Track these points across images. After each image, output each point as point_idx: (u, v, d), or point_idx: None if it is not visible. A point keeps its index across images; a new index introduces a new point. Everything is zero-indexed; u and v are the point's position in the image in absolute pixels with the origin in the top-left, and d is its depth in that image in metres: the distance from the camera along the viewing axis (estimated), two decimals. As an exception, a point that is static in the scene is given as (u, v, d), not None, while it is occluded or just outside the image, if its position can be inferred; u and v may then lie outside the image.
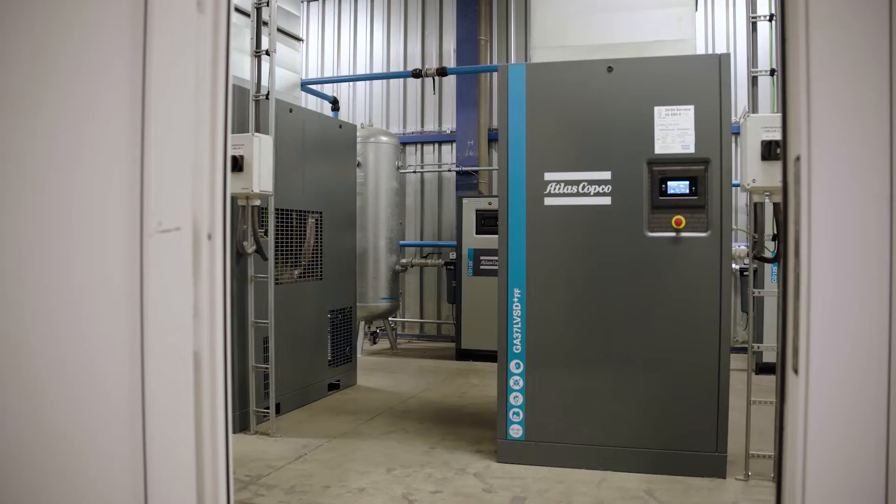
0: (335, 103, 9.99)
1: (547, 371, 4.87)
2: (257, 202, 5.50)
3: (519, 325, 4.89)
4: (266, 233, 5.66)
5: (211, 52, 1.97)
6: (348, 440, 5.55)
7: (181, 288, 2.13)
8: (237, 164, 5.31)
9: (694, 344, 4.62)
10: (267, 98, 5.60)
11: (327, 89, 11.45)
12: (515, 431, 4.92)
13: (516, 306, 4.90)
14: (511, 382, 4.92)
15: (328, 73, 11.71)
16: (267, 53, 5.57)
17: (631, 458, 4.71)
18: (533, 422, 4.90)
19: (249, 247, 5.62)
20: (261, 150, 5.36)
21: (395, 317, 10.77)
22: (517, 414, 4.91)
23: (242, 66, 5.79)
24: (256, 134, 5.38)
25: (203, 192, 2.20)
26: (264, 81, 5.64)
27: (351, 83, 11.65)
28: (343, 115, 11.48)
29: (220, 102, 2.21)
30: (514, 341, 4.90)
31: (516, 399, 4.91)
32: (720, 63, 4.58)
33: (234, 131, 5.55)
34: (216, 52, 1.97)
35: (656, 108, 4.65)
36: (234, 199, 5.59)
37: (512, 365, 4.92)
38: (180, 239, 2.09)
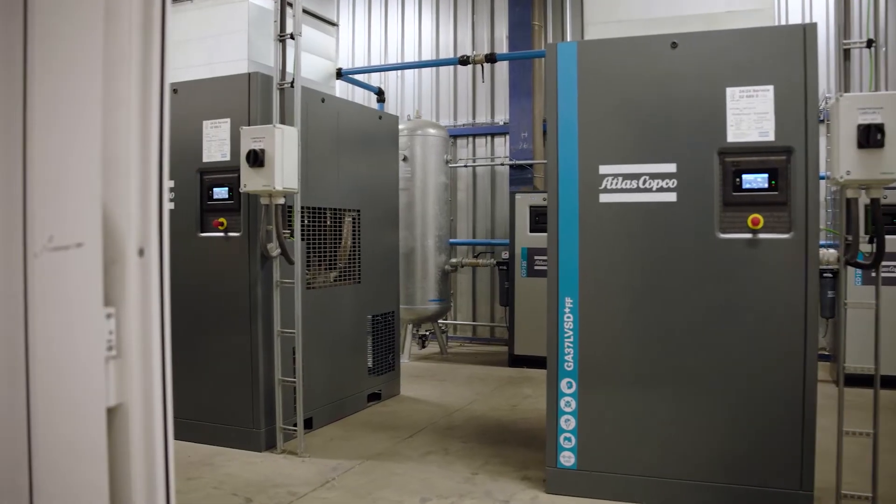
0: (380, 94, 9.48)
1: (603, 392, 4.27)
2: (281, 200, 5.01)
3: (571, 339, 4.30)
4: (292, 234, 5.17)
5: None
6: (383, 462, 5.02)
7: (87, 322, 1.59)
8: (257, 159, 4.82)
9: (774, 363, 3.96)
10: (292, 86, 5.10)
11: (374, 80, 10.97)
12: (567, 459, 4.33)
13: (568, 318, 4.31)
14: (562, 404, 4.33)
15: (375, 64, 11.21)
16: (291, 37, 5.07)
17: (698, 495, 4.08)
18: (587, 449, 4.30)
19: (274, 249, 5.14)
20: (284, 143, 4.87)
21: (445, 319, 10.24)
22: (569, 439, 4.32)
23: (269, 53, 5.31)
24: (279, 125, 4.89)
25: (128, 194, 1.68)
26: (289, 68, 5.14)
27: (399, 75, 11.14)
28: (391, 107, 10.98)
29: (154, 71, 1.71)
30: (566, 357, 4.32)
31: (568, 423, 4.32)
32: (805, 35, 3.91)
33: (260, 123, 5.07)
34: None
35: (729, 90, 4.00)
36: (256, 197, 5.12)
37: (563, 384, 4.33)
38: (84, 258, 1.56)
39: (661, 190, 4.12)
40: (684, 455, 4.12)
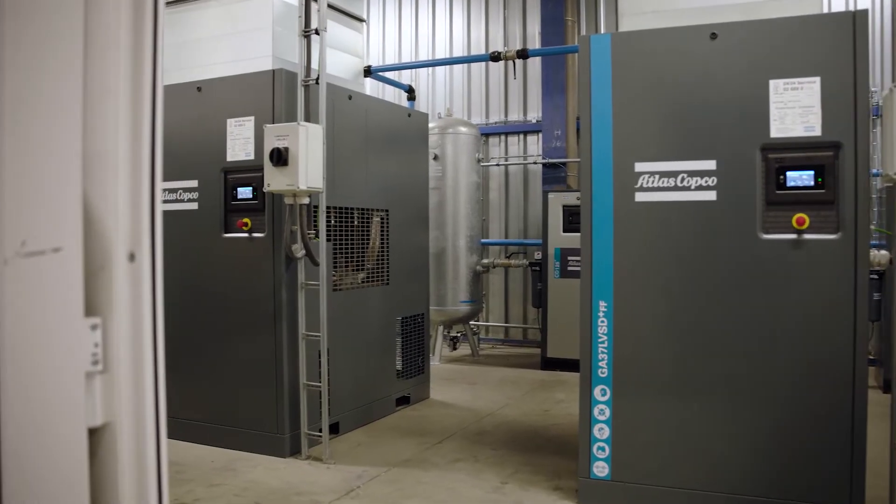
0: (411, 92, 9.34)
1: (638, 400, 4.08)
2: (305, 200, 4.88)
3: (605, 345, 4.12)
4: (317, 234, 5.04)
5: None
6: (410, 470, 4.87)
7: (66, 334, 1.45)
8: (281, 158, 4.69)
9: (821, 371, 3.74)
10: (317, 83, 4.97)
11: (405, 78, 10.83)
12: (600, 469, 4.15)
13: (602, 322, 4.12)
14: (595, 412, 4.15)
15: (406, 61, 11.07)
16: (316, 32, 4.94)
17: (741, 508, 3.88)
18: (621, 459, 4.11)
19: (298, 250, 5.01)
20: (308, 142, 4.74)
21: (477, 321, 10.07)
22: (602, 449, 4.14)
23: (295, 50, 5.18)
24: (303, 123, 4.76)
25: (116, 193, 1.53)
26: (314, 64, 5.01)
27: (430, 73, 11.00)
28: (422, 105, 10.84)
29: (146, 60, 1.57)
30: (600, 363, 4.13)
31: (601, 431, 4.14)
32: (855, 22, 3.68)
33: (285, 121, 4.95)
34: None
35: (772, 82, 3.79)
36: (280, 197, 4.99)
37: (597, 391, 4.14)
38: (62, 264, 1.42)
39: (700, 188, 3.92)
40: (725, 467, 3.91)
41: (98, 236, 1.49)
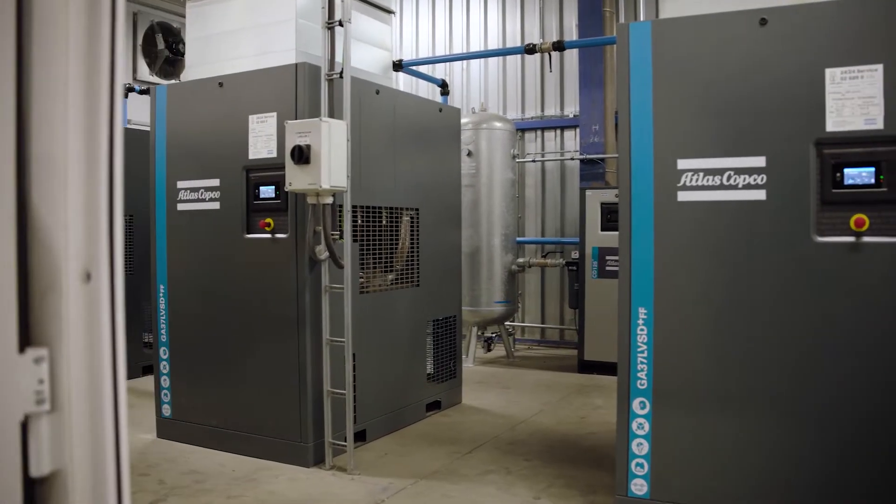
0: (444, 87, 9.10)
1: (681, 414, 3.80)
2: (329, 199, 4.67)
3: (645, 355, 3.84)
4: (341, 235, 4.82)
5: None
6: (437, 482, 4.65)
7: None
8: (303, 156, 4.49)
9: (880, 386, 3.43)
10: (341, 76, 4.75)
11: (439, 72, 10.60)
12: (638, 487, 3.88)
13: (641, 330, 3.85)
14: (634, 426, 3.88)
15: (440, 55, 10.82)
16: (340, 24, 4.73)
17: (793, 533, 3.59)
18: (661, 476, 3.84)
19: (322, 252, 4.81)
20: (331, 138, 4.52)
21: (512, 321, 9.81)
22: (641, 466, 3.87)
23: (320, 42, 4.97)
24: (325, 118, 4.55)
25: (66, 203, 1.30)
26: (338, 57, 4.80)
27: (464, 67, 10.74)
28: (456, 100, 10.60)
29: (102, 56, 1.38)
30: (639, 374, 3.86)
31: (640, 447, 3.87)
32: (922, 5, 3.37)
33: (308, 117, 4.74)
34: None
35: (828, 71, 3.48)
36: (304, 196, 4.79)
37: (636, 404, 3.87)
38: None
39: (748, 187, 3.62)
40: (773, 487, 3.62)
41: (44, 252, 1.28)
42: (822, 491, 3.53)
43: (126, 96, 8.90)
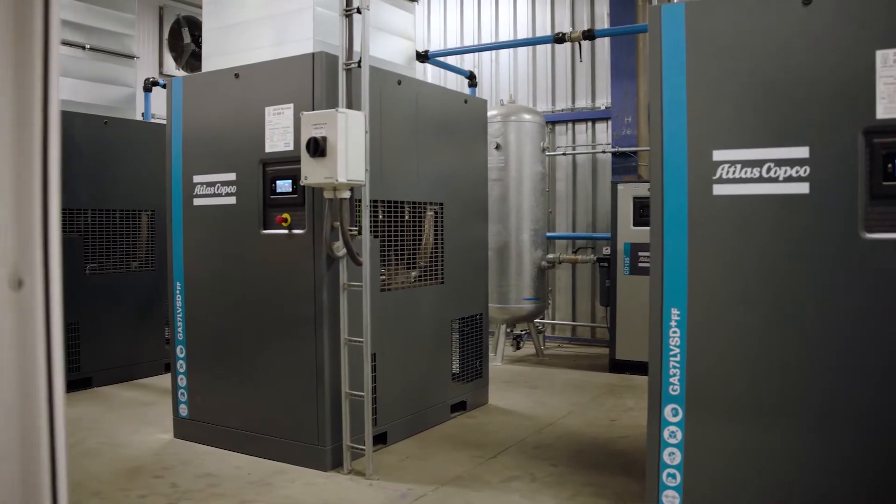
0: (472, 78, 8.88)
1: (717, 422, 3.56)
2: (346, 194, 4.49)
3: (677, 359, 3.61)
4: (359, 231, 4.64)
5: None
6: (459, 489, 4.45)
7: None
8: (318, 148, 4.31)
9: (937, 394, 3.17)
10: (359, 66, 4.56)
11: (468, 64, 10.39)
12: (670, 500, 3.64)
13: (674, 332, 3.61)
14: (666, 434, 3.65)
15: (468, 45, 10.58)
16: (358, 11, 4.53)
17: (838, 552, 3.33)
18: (695, 489, 3.60)
19: (339, 249, 4.63)
20: (348, 130, 4.34)
21: (542, 318, 9.57)
22: (673, 476, 3.63)
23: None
24: (341, 110, 4.36)
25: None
26: (356, 46, 4.61)
27: (493, 59, 10.50)
28: (485, 92, 10.37)
29: (34, 50, 1.23)
30: (671, 379, 3.63)
31: (672, 457, 3.63)
32: (982, -19, 3.09)
33: (326, 108, 4.55)
34: None
35: (879, 53, 3.21)
36: (320, 190, 4.61)
37: (667, 411, 3.64)
38: None
39: (789, 179, 3.37)
40: (815, 502, 3.37)
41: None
42: (869, 507, 3.28)
43: (150, 90, 8.79)
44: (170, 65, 10.71)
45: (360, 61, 4.56)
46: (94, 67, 7.50)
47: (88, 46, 7.42)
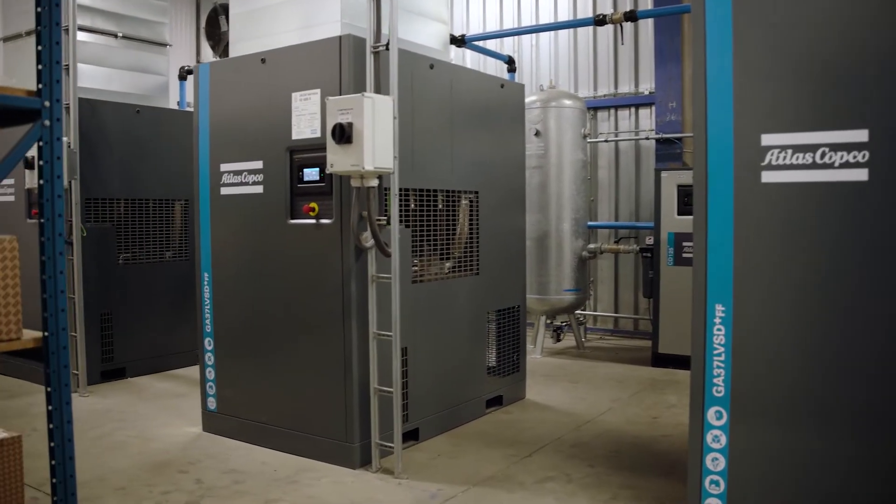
0: (511, 63, 8.65)
1: (762, 426, 3.32)
2: (374, 182, 4.31)
3: (722, 358, 3.38)
4: (388, 221, 4.46)
5: None
6: (490, 490, 4.27)
7: None
8: (344, 134, 4.14)
9: None
10: (387, 48, 4.38)
11: (507, 49, 10.15)
12: (714, 508, 3.42)
13: (718, 330, 3.38)
14: (709, 438, 3.42)
15: (507, 29, 10.33)
16: (387, -9, 4.35)
17: (897, 569, 3.08)
18: (740, 497, 3.37)
19: (367, 239, 4.46)
20: (375, 115, 4.16)
21: (584, 309, 9.33)
22: (716, 483, 3.41)
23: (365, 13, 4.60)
24: (368, 94, 4.18)
25: None
26: (384, 28, 4.42)
27: (534, 44, 10.25)
28: (525, 77, 10.15)
29: None
30: (715, 380, 3.40)
31: (716, 463, 3.41)
32: None
33: (354, 93, 4.38)
34: None
35: (947, 28, 2.94)
36: (347, 179, 4.45)
37: (711, 414, 3.41)
38: None
39: (846, 165, 3.10)
40: (875, 515, 3.13)
41: None
42: (932, 521, 3.02)
43: (185, 79, 8.73)
44: (207, 53, 10.66)
45: (388, 44, 4.38)
46: (127, 56, 7.43)
47: (121, 35, 7.35)
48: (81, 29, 6.92)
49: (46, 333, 2.70)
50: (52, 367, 2.69)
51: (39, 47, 2.66)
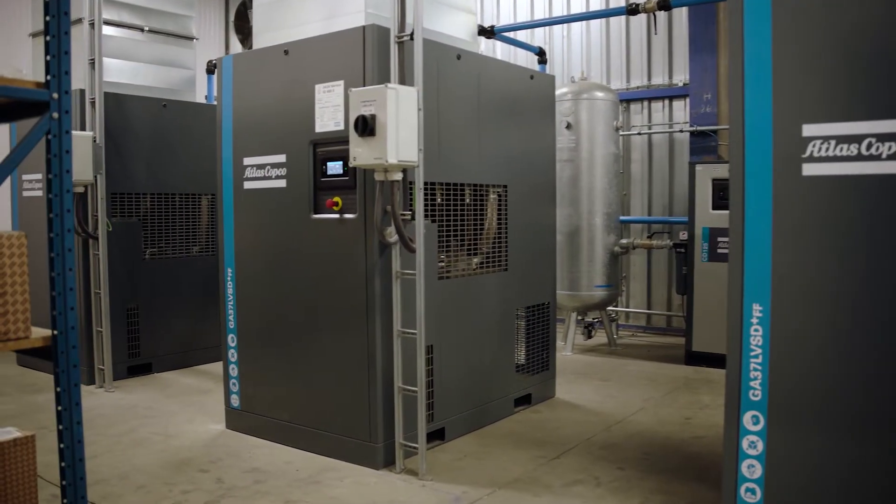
0: (542, 55, 8.49)
1: (802, 432, 3.16)
2: (398, 176, 4.20)
3: (759, 360, 3.21)
4: (413, 216, 4.35)
5: None
6: (516, 493, 4.14)
7: None
8: (367, 127, 4.03)
9: None
10: (412, 38, 4.26)
11: (538, 40, 9.98)
12: (751, 517, 3.26)
13: (755, 331, 3.22)
14: (744, 444, 3.26)
15: (538, 19, 10.15)
16: (411, -21, 4.23)
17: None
18: (779, 505, 3.22)
19: (392, 234, 4.35)
20: (399, 107, 4.04)
21: (616, 305, 9.15)
22: (752, 492, 3.25)
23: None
24: (391, 85, 4.06)
25: None
26: (409, 18, 4.30)
27: (565, 35, 10.06)
28: (556, 69, 9.96)
29: None
30: (751, 383, 3.23)
31: (752, 470, 3.25)
32: None
33: (378, 84, 4.26)
34: None
35: None
36: (371, 173, 4.34)
37: (747, 418, 3.25)
38: None
39: (894, 157, 2.93)
40: (922, 527, 2.95)
41: None
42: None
43: (212, 72, 8.67)
44: (236, 47, 10.61)
45: (412, 33, 4.26)
46: (154, 50, 7.39)
47: (147, 28, 7.30)
48: (107, 23, 6.89)
49: (55, 332, 2.62)
50: (61, 367, 2.62)
51: (47, 37, 2.58)
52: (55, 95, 2.58)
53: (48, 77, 2.59)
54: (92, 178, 6.28)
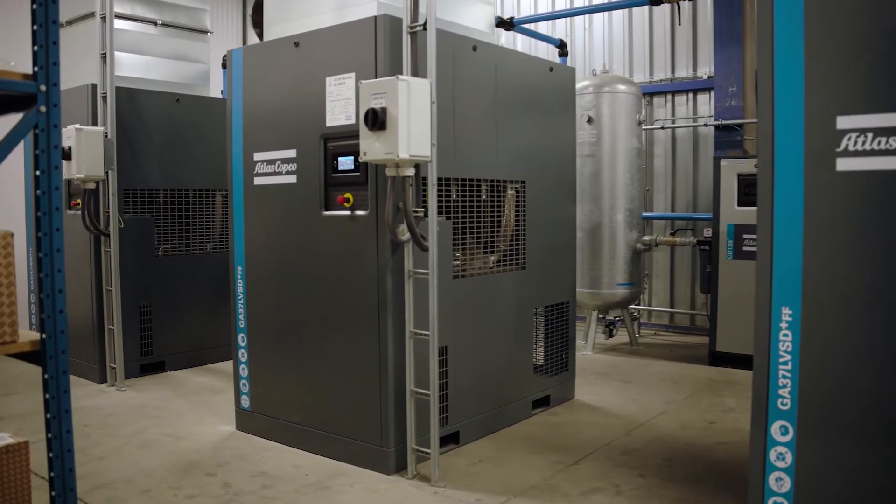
0: (562, 47, 8.29)
1: (834, 444, 2.98)
2: (410, 171, 4.04)
3: (788, 367, 3.03)
4: (426, 213, 4.19)
5: None
6: (532, 501, 3.98)
7: None
8: (377, 120, 3.87)
9: None
10: (425, 29, 4.10)
11: (559, 32, 9.78)
12: (779, 532, 3.09)
13: (784, 335, 3.04)
14: (772, 456, 3.09)
15: (558, 10, 9.93)
16: (424, -33, 4.07)
17: None
18: (809, 521, 3.04)
19: (403, 232, 4.20)
20: (411, 100, 3.89)
21: (638, 304, 8.95)
22: (782, 506, 3.07)
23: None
24: (403, 77, 3.90)
25: None
26: (422, 8, 4.14)
27: (587, 26, 9.85)
28: (578, 62, 9.77)
29: None
30: (781, 392, 3.05)
31: (780, 483, 3.07)
32: None
33: (390, 76, 4.11)
34: None
35: None
36: (382, 168, 4.19)
37: (775, 429, 3.08)
38: None
39: (935, 151, 2.74)
40: (965, 547, 2.77)
41: None
42: None
43: (226, 67, 8.55)
44: (253, 41, 10.50)
45: (426, 23, 4.10)
46: (167, 44, 7.28)
47: (160, 22, 7.20)
48: (120, 17, 6.79)
49: (44, 336, 2.49)
50: (49, 373, 2.49)
51: (34, 26, 2.45)
52: (42, 88, 2.45)
53: (35, 68, 2.46)
54: (103, 174, 6.19)
